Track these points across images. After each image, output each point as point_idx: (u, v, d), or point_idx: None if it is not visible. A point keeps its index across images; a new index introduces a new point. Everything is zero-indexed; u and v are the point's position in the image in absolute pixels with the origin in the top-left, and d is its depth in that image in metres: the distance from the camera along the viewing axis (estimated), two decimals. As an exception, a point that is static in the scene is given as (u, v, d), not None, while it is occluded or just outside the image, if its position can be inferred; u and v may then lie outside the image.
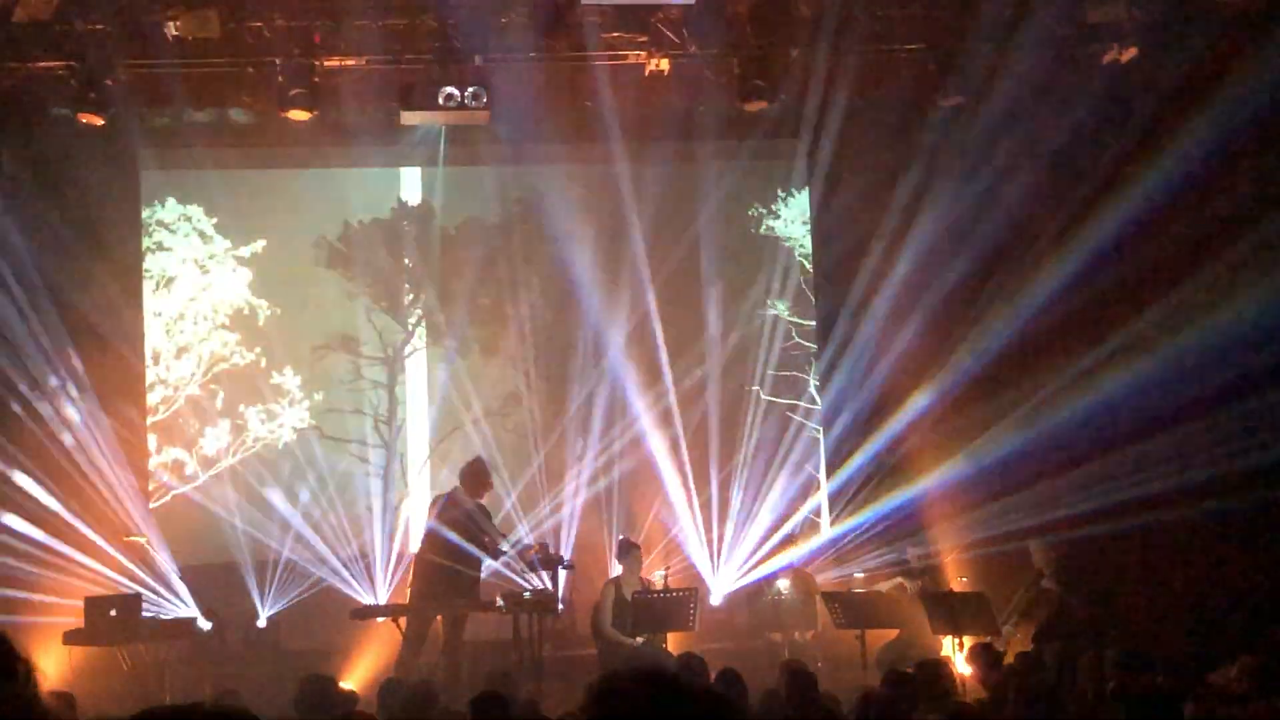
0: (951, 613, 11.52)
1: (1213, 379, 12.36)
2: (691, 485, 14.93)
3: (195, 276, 15.16)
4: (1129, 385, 12.82)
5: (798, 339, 15.72)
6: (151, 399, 14.87)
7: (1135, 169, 12.60)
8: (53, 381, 13.72)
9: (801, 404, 15.59)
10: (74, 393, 13.85)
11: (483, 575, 12.86)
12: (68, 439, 13.71)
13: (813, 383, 15.62)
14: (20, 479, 13.32)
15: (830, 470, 15.19)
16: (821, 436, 15.45)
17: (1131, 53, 12.29)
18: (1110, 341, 13.03)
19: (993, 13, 12.35)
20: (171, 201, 15.09)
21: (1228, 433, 12.33)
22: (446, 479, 13.87)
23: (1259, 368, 12.23)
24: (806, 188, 15.64)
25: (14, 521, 13.13)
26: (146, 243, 15.06)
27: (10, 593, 12.74)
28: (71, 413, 13.82)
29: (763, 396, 15.52)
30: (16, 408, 13.52)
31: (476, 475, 13.08)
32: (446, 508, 12.80)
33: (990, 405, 13.84)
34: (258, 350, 15.14)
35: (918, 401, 14.33)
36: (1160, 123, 12.47)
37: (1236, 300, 12.35)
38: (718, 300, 15.53)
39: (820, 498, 15.31)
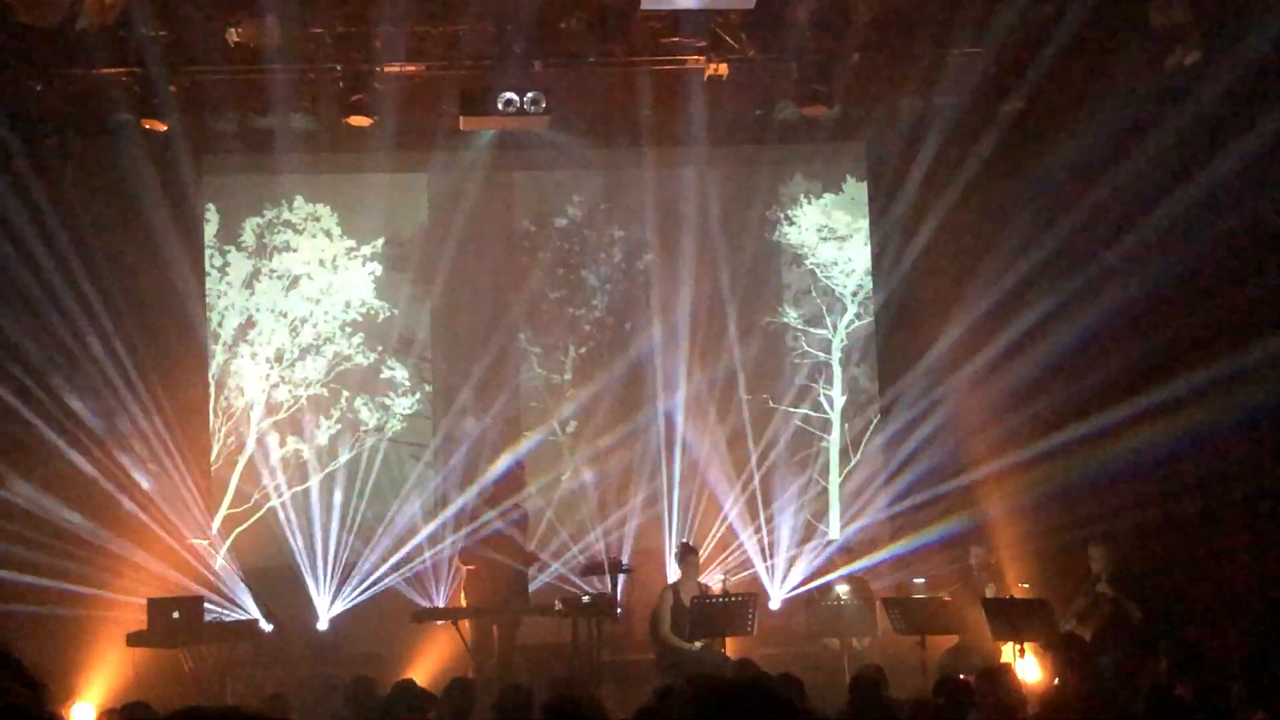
0: (1013, 619, 11.42)
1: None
2: (744, 489, 15.01)
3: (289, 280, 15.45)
4: (1192, 386, 12.73)
5: (807, 347, 15.77)
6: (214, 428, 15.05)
7: (1200, 171, 12.46)
8: (115, 383, 13.86)
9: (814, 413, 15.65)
10: (135, 395, 13.98)
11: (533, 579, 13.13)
12: (132, 442, 13.89)
13: (823, 392, 15.69)
14: (85, 480, 13.48)
15: (891, 476, 15.20)
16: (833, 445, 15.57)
17: (1194, 56, 12.15)
18: (1174, 341, 12.90)
19: (1054, 15, 12.26)
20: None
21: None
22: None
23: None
24: (825, 194, 15.80)
25: (79, 521, 13.28)
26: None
27: (75, 589, 12.95)
28: (135, 415, 13.96)
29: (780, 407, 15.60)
30: (81, 410, 13.69)
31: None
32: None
33: (1052, 405, 13.77)
34: (329, 354, 15.32)
35: (978, 404, 14.30)
36: (1224, 125, 12.32)
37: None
38: (743, 305, 15.60)
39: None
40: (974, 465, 14.33)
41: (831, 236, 15.80)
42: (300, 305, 15.32)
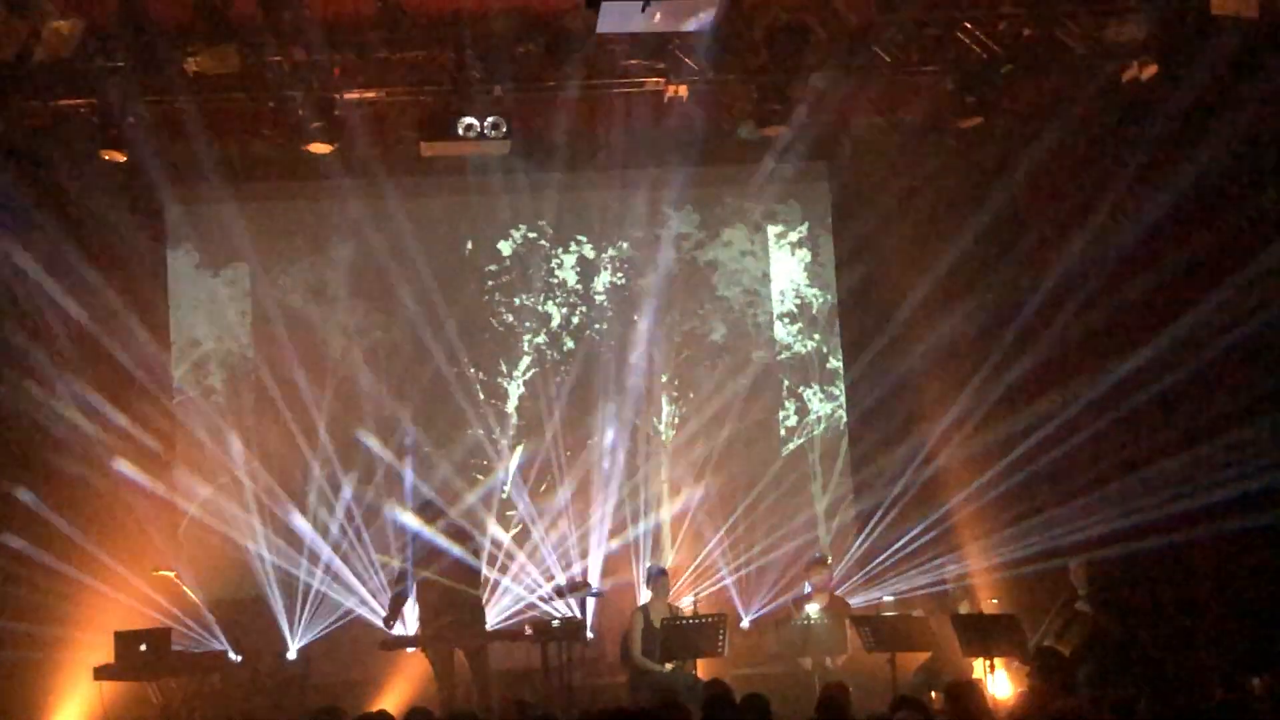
0: (983, 635, 11.45)
1: (1245, 390, 12.23)
2: (716, 510, 15.01)
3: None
4: (1160, 399, 12.74)
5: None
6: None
7: (1156, 184, 12.52)
8: (77, 415, 13.78)
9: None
10: (98, 426, 13.90)
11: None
12: (93, 473, 13.80)
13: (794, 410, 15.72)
14: (48, 513, 13.38)
15: (858, 491, 15.26)
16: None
17: (1152, 70, 12.21)
18: (1140, 355, 12.91)
19: (1011, 32, 12.30)
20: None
21: (1264, 445, 12.13)
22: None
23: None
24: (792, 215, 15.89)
25: (44, 555, 13.18)
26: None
27: (41, 628, 12.84)
28: (97, 447, 13.89)
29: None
30: (42, 442, 13.60)
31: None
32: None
33: (1020, 422, 13.80)
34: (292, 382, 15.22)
35: (946, 420, 14.33)
36: (1180, 138, 12.38)
37: (1268, 310, 12.22)
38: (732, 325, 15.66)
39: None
40: (946, 483, 14.36)
41: (800, 257, 15.83)
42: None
